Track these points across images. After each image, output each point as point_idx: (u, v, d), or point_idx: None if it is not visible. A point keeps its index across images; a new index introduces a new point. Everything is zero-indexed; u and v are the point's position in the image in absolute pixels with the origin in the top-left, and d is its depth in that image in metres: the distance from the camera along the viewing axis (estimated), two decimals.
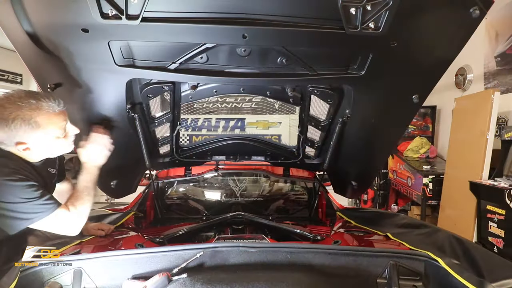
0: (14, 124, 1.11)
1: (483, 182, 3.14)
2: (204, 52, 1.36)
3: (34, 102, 1.14)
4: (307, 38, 1.24)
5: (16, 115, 1.11)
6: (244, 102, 2.17)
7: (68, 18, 1.13)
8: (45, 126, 1.17)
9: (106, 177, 1.86)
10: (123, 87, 1.54)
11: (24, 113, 1.12)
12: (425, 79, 1.47)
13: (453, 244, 1.33)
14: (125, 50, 1.33)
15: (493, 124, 3.22)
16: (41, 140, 1.19)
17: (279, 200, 2.76)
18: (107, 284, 1.23)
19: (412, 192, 4.25)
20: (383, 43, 1.21)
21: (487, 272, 1.11)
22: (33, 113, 1.14)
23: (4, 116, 1.10)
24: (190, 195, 2.76)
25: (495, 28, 3.78)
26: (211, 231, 2.00)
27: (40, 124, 1.16)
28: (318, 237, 1.71)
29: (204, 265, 1.25)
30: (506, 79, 3.65)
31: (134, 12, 1.06)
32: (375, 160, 2.17)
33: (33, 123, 1.14)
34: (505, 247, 2.84)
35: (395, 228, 1.66)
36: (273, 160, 2.38)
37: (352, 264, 1.29)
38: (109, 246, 1.47)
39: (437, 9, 1.14)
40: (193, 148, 2.25)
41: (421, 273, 1.27)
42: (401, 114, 1.72)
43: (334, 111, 1.90)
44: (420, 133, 4.84)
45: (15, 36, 1.24)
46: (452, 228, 3.43)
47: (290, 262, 1.29)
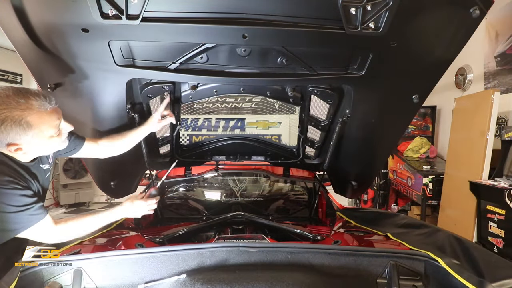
0: (4, 126, 1.05)
1: (483, 182, 3.14)
2: (204, 52, 1.36)
3: (24, 101, 1.07)
4: (307, 38, 1.23)
5: (5, 116, 1.04)
6: (244, 102, 2.17)
7: (68, 18, 1.13)
8: (37, 126, 1.11)
9: (106, 177, 1.86)
10: (123, 87, 1.54)
11: (14, 114, 1.05)
12: (425, 79, 1.47)
13: (453, 244, 1.33)
14: (125, 50, 1.33)
15: (493, 124, 3.22)
16: (34, 140, 1.13)
17: (279, 200, 2.76)
18: (107, 284, 1.23)
19: (412, 192, 4.25)
20: (383, 43, 1.21)
21: (487, 272, 1.11)
22: (24, 113, 1.07)
23: None
24: (190, 195, 2.76)
25: (495, 28, 3.78)
26: (211, 231, 2.00)
27: (32, 124, 1.09)
28: (318, 237, 1.71)
29: (204, 265, 1.25)
30: (506, 79, 3.65)
31: (134, 12, 1.06)
32: (375, 160, 2.17)
33: (24, 123, 1.08)
34: (505, 247, 2.84)
35: (395, 228, 1.66)
36: (273, 160, 2.38)
37: (352, 264, 1.29)
38: (109, 246, 1.47)
39: (437, 9, 1.14)
40: (193, 148, 2.25)
41: (421, 273, 1.27)
42: (401, 114, 1.72)
43: (334, 111, 1.90)
44: (420, 133, 4.84)
45: (15, 36, 1.23)
46: (452, 228, 3.44)
47: (290, 262, 1.29)
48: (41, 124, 1.12)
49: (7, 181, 1.08)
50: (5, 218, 1.08)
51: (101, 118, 1.69)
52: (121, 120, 1.74)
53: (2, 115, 1.04)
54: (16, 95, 1.07)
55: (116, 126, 1.75)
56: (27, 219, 1.12)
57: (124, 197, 1.49)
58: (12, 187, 1.08)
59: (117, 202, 5.83)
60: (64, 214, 5.89)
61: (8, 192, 1.07)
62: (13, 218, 1.09)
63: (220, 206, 2.53)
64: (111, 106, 1.64)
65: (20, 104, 1.07)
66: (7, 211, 1.07)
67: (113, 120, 1.72)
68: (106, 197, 6.56)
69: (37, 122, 1.11)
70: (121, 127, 1.78)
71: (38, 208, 1.14)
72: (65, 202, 6.27)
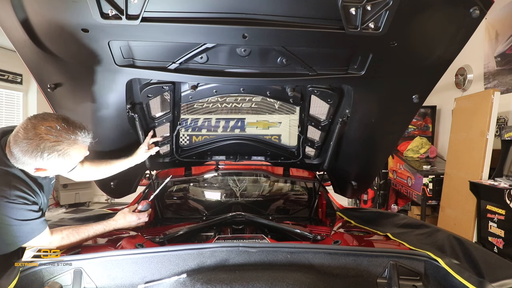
0: (48, 155, 1.12)
1: (483, 182, 3.14)
2: (204, 52, 1.36)
3: (73, 137, 1.15)
4: (307, 38, 1.23)
5: (54, 150, 1.12)
6: (244, 102, 2.17)
7: (68, 18, 1.13)
8: (74, 158, 1.20)
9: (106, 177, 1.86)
10: (123, 87, 1.54)
11: (61, 147, 1.13)
12: (425, 79, 1.47)
13: (453, 244, 1.32)
14: (125, 50, 1.33)
15: (493, 124, 3.22)
16: (62, 167, 1.21)
17: (279, 200, 2.75)
18: (107, 284, 1.22)
19: (412, 192, 4.25)
20: (383, 43, 1.21)
21: (487, 272, 1.11)
22: (69, 148, 1.15)
23: (41, 148, 1.10)
24: (190, 195, 2.76)
25: (495, 28, 3.78)
26: (211, 231, 2.00)
27: (71, 156, 1.18)
28: (318, 237, 1.71)
29: (204, 265, 1.25)
30: (506, 79, 3.65)
31: (134, 12, 1.06)
32: (375, 160, 2.17)
33: (66, 155, 1.15)
34: (505, 247, 2.84)
35: (395, 228, 1.66)
36: (273, 160, 2.38)
37: (352, 264, 1.29)
38: (109, 246, 1.47)
39: (437, 9, 1.14)
40: (193, 148, 2.25)
41: (421, 273, 1.27)
42: (401, 114, 1.72)
43: (334, 111, 1.90)
44: (420, 133, 4.84)
45: (15, 36, 1.23)
46: (452, 228, 3.45)
47: (290, 262, 1.29)
48: (77, 156, 1.21)
49: (16, 195, 1.13)
50: (8, 231, 1.13)
51: (101, 118, 1.69)
52: (121, 120, 1.73)
53: (51, 148, 1.11)
54: (66, 130, 1.15)
55: (116, 126, 1.75)
56: (28, 233, 1.18)
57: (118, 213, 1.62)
58: (21, 202, 1.14)
59: (117, 202, 5.84)
60: (64, 214, 5.88)
61: (15, 206, 1.13)
62: (15, 232, 1.15)
63: (220, 206, 2.53)
64: (111, 106, 1.64)
65: (69, 139, 1.15)
66: (11, 224, 1.13)
67: (113, 120, 1.72)
68: (106, 197, 6.56)
69: (75, 154, 1.19)
70: (121, 127, 1.78)
71: (40, 222, 1.21)
72: (65, 202, 6.27)
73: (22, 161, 1.13)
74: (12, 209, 1.12)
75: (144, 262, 1.24)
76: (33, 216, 1.18)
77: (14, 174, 1.16)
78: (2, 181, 1.13)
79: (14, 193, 1.13)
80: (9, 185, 1.13)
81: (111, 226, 1.52)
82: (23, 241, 1.18)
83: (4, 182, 1.13)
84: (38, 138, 1.10)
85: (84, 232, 1.38)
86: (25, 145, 1.09)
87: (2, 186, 1.12)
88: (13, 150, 1.12)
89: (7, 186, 1.12)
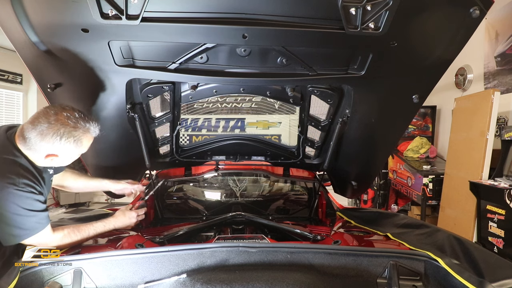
0: (66, 141, 1.21)
1: (483, 182, 3.14)
2: (204, 52, 1.36)
3: (87, 126, 1.26)
4: (307, 38, 1.23)
5: (71, 135, 1.21)
6: (244, 102, 2.17)
7: (68, 18, 1.13)
8: (84, 146, 1.29)
9: (106, 177, 1.86)
10: (123, 87, 1.54)
11: (77, 134, 1.23)
12: (425, 79, 1.47)
13: (453, 244, 1.32)
14: (125, 50, 1.33)
15: (493, 124, 3.22)
16: (71, 155, 1.30)
17: (279, 200, 2.75)
18: (107, 284, 1.22)
19: (412, 192, 4.25)
20: (383, 43, 1.21)
21: (487, 272, 1.10)
22: (83, 136, 1.25)
23: (60, 132, 1.19)
24: (190, 195, 2.76)
25: (495, 28, 3.78)
26: (211, 231, 2.00)
27: (83, 144, 1.28)
28: (318, 237, 1.71)
29: (204, 265, 1.25)
30: (506, 79, 3.65)
31: (134, 12, 1.06)
32: (375, 160, 2.16)
33: (79, 142, 1.25)
34: (505, 247, 2.84)
35: (395, 228, 1.66)
36: (273, 160, 2.38)
37: (352, 264, 1.29)
38: (109, 246, 1.47)
39: (437, 9, 1.14)
40: (193, 148, 2.25)
41: (421, 273, 1.27)
42: (401, 114, 1.72)
43: (334, 111, 1.90)
44: (420, 133, 4.84)
45: (15, 36, 1.23)
46: (452, 228, 3.45)
47: (290, 262, 1.29)
48: (87, 145, 1.31)
49: (24, 183, 1.16)
50: (14, 221, 1.14)
51: (101, 118, 1.69)
52: (121, 120, 1.73)
53: (69, 133, 1.21)
54: (82, 118, 1.25)
55: (116, 126, 1.75)
56: (33, 226, 1.19)
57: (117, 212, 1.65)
58: (29, 190, 1.16)
59: (117, 202, 5.84)
60: (64, 214, 5.88)
61: (24, 194, 1.15)
62: (21, 223, 1.16)
63: (220, 206, 2.53)
64: (111, 106, 1.64)
65: (84, 127, 1.25)
66: (18, 213, 1.14)
67: (113, 120, 1.72)
68: (106, 197, 6.56)
69: (86, 143, 1.30)
70: (121, 127, 1.78)
71: (45, 216, 1.23)
72: (65, 202, 6.27)
73: (37, 145, 1.19)
74: (21, 197, 1.14)
75: (144, 262, 1.24)
76: (39, 207, 1.20)
77: (21, 164, 1.19)
78: (11, 169, 1.16)
79: (22, 181, 1.15)
80: (18, 173, 1.16)
81: (111, 223, 1.54)
82: (28, 234, 1.18)
83: (13, 171, 1.16)
84: (60, 123, 1.19)
85: (84, 230, 1.40)
86: (45, 128, 1.17)
87: (11, 174, 1.14)
88: (30, 134, 1.18)
89: (16, 174, 1.15)
